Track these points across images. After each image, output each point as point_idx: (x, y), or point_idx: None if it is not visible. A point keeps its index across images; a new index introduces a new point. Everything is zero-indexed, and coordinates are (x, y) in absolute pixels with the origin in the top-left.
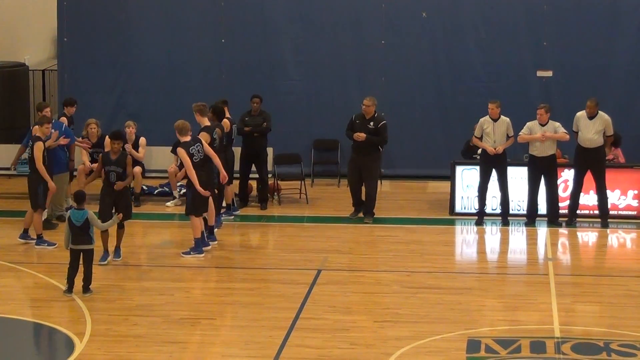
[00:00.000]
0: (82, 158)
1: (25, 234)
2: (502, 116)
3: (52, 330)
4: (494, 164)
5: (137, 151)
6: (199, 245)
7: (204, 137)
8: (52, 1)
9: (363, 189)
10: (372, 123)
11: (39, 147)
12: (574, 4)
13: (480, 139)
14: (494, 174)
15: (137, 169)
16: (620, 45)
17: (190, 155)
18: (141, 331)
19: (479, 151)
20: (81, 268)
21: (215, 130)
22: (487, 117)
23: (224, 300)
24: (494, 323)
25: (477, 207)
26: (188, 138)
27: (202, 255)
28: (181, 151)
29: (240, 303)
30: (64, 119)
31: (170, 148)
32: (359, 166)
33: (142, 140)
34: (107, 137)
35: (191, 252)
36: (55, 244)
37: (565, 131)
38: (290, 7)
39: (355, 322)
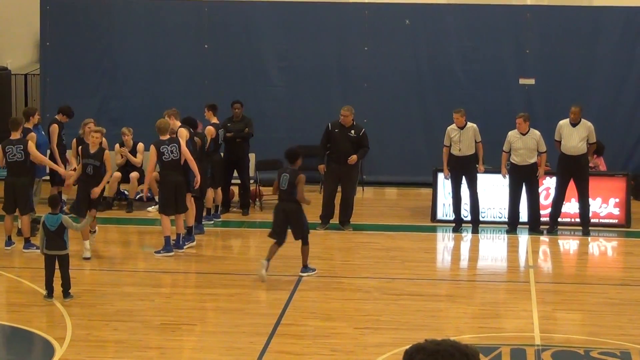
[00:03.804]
0: (72, 161)
1: (10, 241)
2: (468, 123)
3: (32, 335)
4: (462, 170)
5: (135, 157)
6: (167, 244)
7: (182, 133)
8: (34, 5)
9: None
10: (353, 131)
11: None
12: (556, 13)
13: (450, 146)
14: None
15: (135, 174)
16: (601, 54)
17: (160, 154)
18: (122, 336)
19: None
20: (58, 273)
21: (195, 139)
22: (453, 125)
23: (205, 306)
24: (475, 330)
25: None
26: (166, 137)
27: (171, 254)
28: (151, 148)
29: (221, 309)
30: (55, 126)
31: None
32: (339, 175)
33: (140, 145)
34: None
35: (162, 251)
36: None
37: (544, 150)
38: (273, 13)
39: (335, 329)
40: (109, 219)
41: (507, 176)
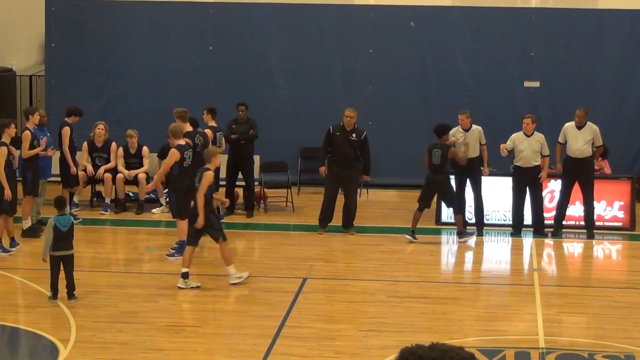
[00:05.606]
0: (82, 162)
1: (13, 242)
2: (473, 125)
3: (37, 336)
4: (466, 173)
5: (142, 161)
6: (182, 248)
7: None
8: (39, 7)
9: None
10: (354, 135)
11: (2, 153)
12: (561, 16)
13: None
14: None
15: (142, 175)
16: (606, 56)
17: (182, 160)
18: (126, 338)
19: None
20: (62, 275)
21: (197, 136)
22: (458, 127)
23: (209, 307)
24: (479, 333)
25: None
26: (183, 142)
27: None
28: (175, 152)
29: (225, 311)
30: (67, 129)
31: (156, 153)
32: (340, 178)
33: (145, 149)
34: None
35: (175, 254)
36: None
37: (547, 153)
38: (278, 14)
39: (340, 331)
40: (116, 221)
41: (505, 152)
